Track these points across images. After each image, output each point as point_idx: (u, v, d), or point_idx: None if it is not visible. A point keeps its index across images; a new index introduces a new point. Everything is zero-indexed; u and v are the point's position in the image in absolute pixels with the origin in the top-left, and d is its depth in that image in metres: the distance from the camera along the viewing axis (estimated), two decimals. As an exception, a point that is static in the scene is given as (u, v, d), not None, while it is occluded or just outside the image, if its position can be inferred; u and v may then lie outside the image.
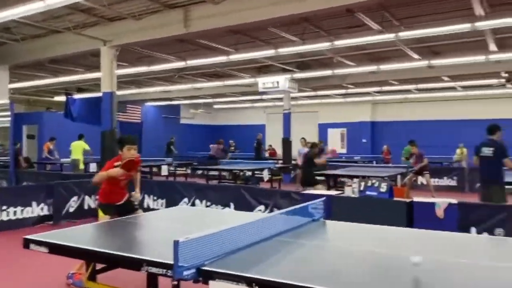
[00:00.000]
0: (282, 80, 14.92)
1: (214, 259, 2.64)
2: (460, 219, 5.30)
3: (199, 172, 16.04)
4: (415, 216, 5.40)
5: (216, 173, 13.40)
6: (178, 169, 16.48)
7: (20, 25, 9.94)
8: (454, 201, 5.37)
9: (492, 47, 10.97)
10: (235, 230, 2.92)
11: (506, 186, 6.83)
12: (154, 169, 14.46)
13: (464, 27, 8.53)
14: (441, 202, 5.24)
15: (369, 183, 5.87)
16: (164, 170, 14.24)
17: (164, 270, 2.58)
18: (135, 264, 2.76)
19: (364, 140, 24.30)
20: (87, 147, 13.74)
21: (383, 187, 5.74)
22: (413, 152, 11.71)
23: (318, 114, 25.45)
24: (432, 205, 5.34)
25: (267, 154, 20.97)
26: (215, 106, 27.10)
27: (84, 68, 14.74)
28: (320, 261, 2.88)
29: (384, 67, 13.30)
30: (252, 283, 2.33)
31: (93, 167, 13.35)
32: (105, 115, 9.97)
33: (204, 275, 2.50)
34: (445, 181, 15.00)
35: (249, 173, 12.73)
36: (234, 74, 16.23)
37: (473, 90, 19.10)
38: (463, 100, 20.90)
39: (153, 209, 7.91)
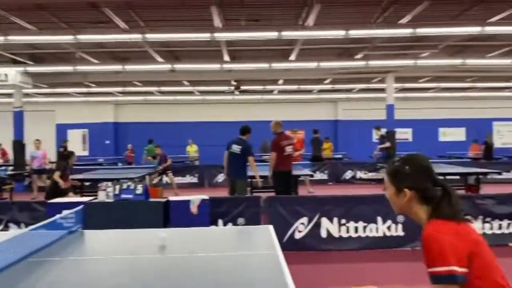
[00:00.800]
0: (12, 73, 12.88)
1: None
2: (210, 213, 5.73)
3: None
4: (171, 215, 5.54)
5: None
6: None
7: None
8: (206, 197, 5.76)
9: (226, 57, 12.38)
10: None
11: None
12: None
13: (205, 36, 9.31)
14: (195, 198, 5.54)
15: (124, 186, 5.68)
16: None
17: None
18: None
19: (107, 142, 23.57)
20: None
21: (139, 189, 5.65)
22: (158, 153, 12.08)
23: (56, 113, 23.22)
24: (187, 202, 5.59)
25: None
26: None
27: None
28: (77, 278, 2.57)
29: (129, 67, 13.20)
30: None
31: None
32: None
33: None
34: (188, 179, 16.05)
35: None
36: None
37: (209, 95, 21.18)
38: (201, 104, 22.89)
39: None
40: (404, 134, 21.82)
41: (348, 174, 15.73)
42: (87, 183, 10.36)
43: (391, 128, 14.96)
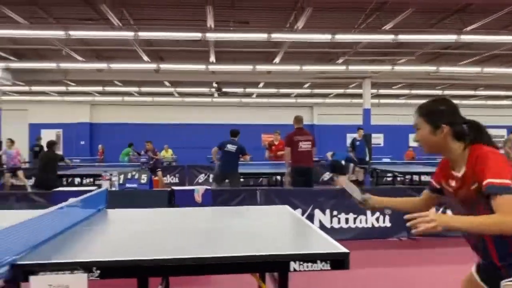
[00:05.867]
0: (-8, 69, 12.67)
1: (25, 253, 2.18)
2: (213, 202, 5.97)
3: None
4: (177, 203, 5.73)
5: None
6: None
7: None
8: (209, 187, 6.00)
9: (212, 58, 12.62)
10: (42, 219, 2.48)
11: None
12: None
13: (196, 35, 9.53)
14: (199, 188, 5.76)
15: (129, 176, 5.83)
16: None
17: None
18: None
19: (82, 142, 23.26)
20: None
21: (143, 178, 5.82)
22: (149, 148, 12.17)
23: (28, 112, 22.73)
24: (191, 191, 5.79)
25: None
26: None
27: None
28: (130, 239, 2.79)
29: (115, 66, 13.21)
30: (91, 267, 2.06)
31: None
32: None
33: (22, 271, 2.03)
34: (168, 179, 16.11)
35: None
36: None
37: (188, 97, 21.28)
38: (180, 106, 22.95)
39: None
40: (376, 139, 22.62)
41: (326, 176, 16.20)
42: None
43: (367, 132, 15.56)
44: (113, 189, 5.74)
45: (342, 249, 2.27)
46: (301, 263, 2.14)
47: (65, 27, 9.35)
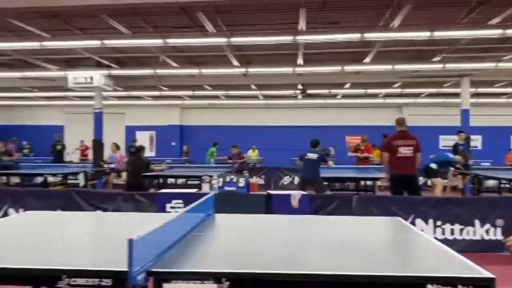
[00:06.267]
0: (97, 76, 13.75)
1: (155, 259, 2.26)
2: (310, 208, 5.89)
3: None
4: (274, 207, 5.74)
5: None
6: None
7: None
8: (305, 192, 5.93)
9: (300, 60, 12.54)
10: (170, 226, 2.56)
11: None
12: None
13: (287, 39, 9.53)
14: (296, 193, 5.71)
15: (228, 179, 5.95)
16: None
17: (97, 280, 2.07)
18: (44, 279, 2.13)
19: (173, 143, 24.47)
20: None
21: (241, 182, 5.90)
22: (234, 152, 12.44)
23: (125, 116, 24.43)
24: (288, 196, 5.76)
25: (78, 154, 18.98)
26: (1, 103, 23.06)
27: None
28: (256, 249, 2.77)
29: (206, 71, 13.68)
30: (221, 278, 2.07)
31: None
32: None
33: (156, 278, 2.10)
34: (254, 180, 16.34)
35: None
36: (37, 65, 14.13)
37: (272, 100, 21.44)
38: (264, 109, 23.21)
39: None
40: (474, 141, 20.96)
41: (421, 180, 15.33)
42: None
43: (467, 134, 14.44)
44: (213, 191, 5.89)
45: (485, 273, 2.05)
46: (439, 287, 1.97)
47: (163, 36, 9.87)
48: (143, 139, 24.28)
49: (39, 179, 11.94)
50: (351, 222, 3.87)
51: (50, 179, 11.22)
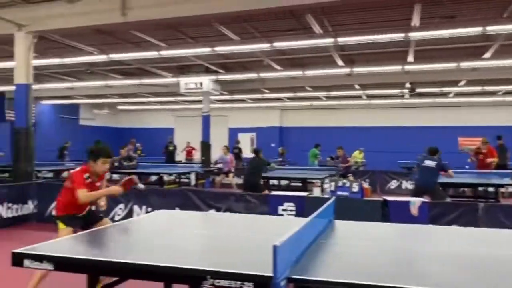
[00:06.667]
0: (206, 82, 14.48)
1: (292, 266, 2.26)
2: (430, 216, 5.52)
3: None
4: (391, 214, 5.48)
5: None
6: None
7: None
8: (425, 200, 5.57)
9: (410, 58, 11.89)
10: (304, 232, 2.56)
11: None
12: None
13: (398, 36, 9.09)
14: (416, 200, 5.39)
15: (340, 183, 5.82)
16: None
17: (239, 283, 2.12)
18: (190, 279, 2.25)
19: (272, 145, 24.83)
20: None
21: (355, 187, 5.73)
22: (339, 155, 12.19)
23: (228, 118, 25.42)
24: (405, 203, 5.47)
25: (184, 155, 20.28)
26: (119, 107, 25.46)
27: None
28: (387, 260, 2.65)
29: (309, 72, 13.64)
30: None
31: None
32: (19, 111, 8.60)
33: (296, 285, 2.10)
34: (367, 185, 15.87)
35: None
36: (153, 72, 15.32)
37: (376, 100, 20.68)
38: (366, 109, 22.49)
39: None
40: None
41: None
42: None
43: None
44: (324, 196, 5.82)
45: None
46: None
47: (269, 39, 10.04)
48: (244, 140, 25.09)
49: (153, 178, 12.91)
50: (491, 235, 3.52)
51: (165, 178, 12.08)
